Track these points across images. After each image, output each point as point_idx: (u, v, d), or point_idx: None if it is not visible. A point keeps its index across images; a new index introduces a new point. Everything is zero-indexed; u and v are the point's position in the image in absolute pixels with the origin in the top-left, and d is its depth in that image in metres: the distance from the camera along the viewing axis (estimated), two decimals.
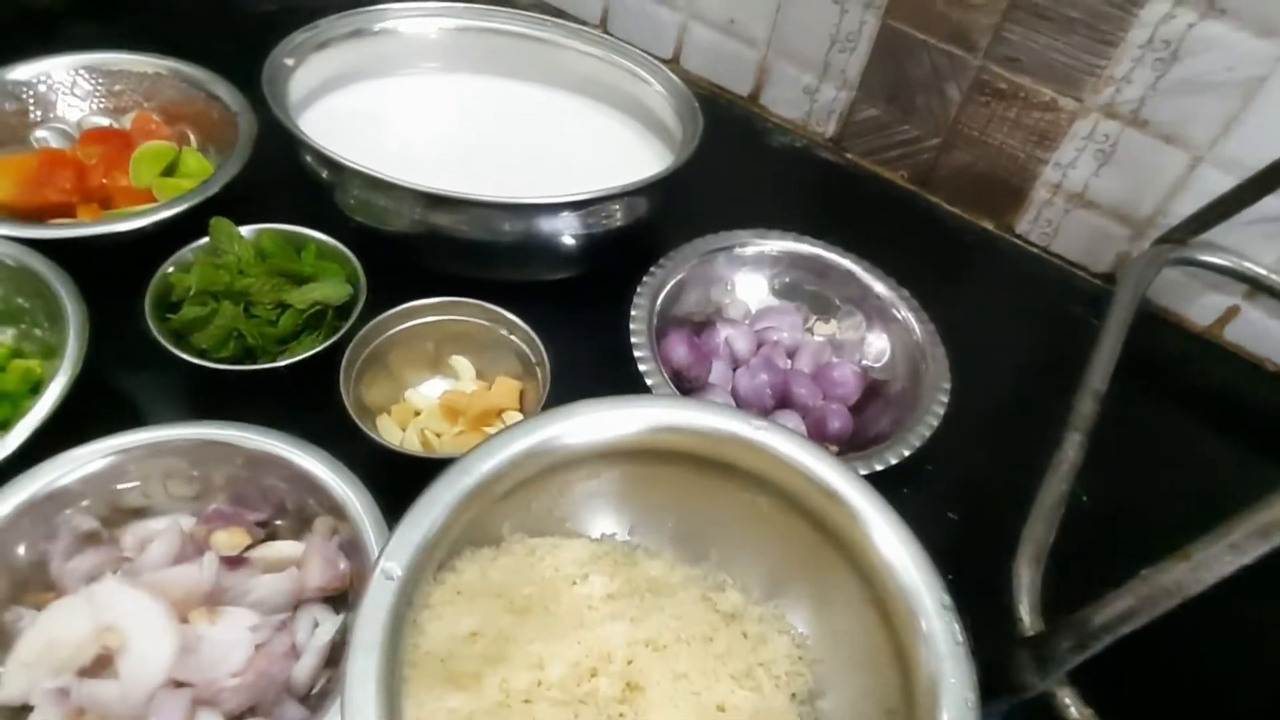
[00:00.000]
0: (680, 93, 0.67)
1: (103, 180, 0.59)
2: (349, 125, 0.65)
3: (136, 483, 0.42)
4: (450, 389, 0.53)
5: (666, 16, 0.87)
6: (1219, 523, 0.33)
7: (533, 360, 0.51)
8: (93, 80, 0.65)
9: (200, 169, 0.62)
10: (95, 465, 0.41)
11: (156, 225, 0.54)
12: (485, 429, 0.51)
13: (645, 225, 0.61)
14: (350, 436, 0.46)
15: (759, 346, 0.58)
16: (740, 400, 0.55)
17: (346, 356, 0.49)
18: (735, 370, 0.57)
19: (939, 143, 0.76)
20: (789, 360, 0.59)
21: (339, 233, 0.56)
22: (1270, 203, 0.60)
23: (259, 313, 0.51)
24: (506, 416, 0.51)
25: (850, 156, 0.82)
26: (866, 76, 0.77)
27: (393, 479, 0.41)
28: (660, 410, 0.41)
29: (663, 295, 0.56)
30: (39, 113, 0.64)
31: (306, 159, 0.57)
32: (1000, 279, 0.73)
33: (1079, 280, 0.73)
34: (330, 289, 0.53)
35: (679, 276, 0.58)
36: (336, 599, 0.42)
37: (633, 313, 0.54)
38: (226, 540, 0.41)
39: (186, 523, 0.42)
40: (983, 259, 0.75)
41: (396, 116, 0.69)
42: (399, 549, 0.33)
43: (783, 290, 0.62)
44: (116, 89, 0.66)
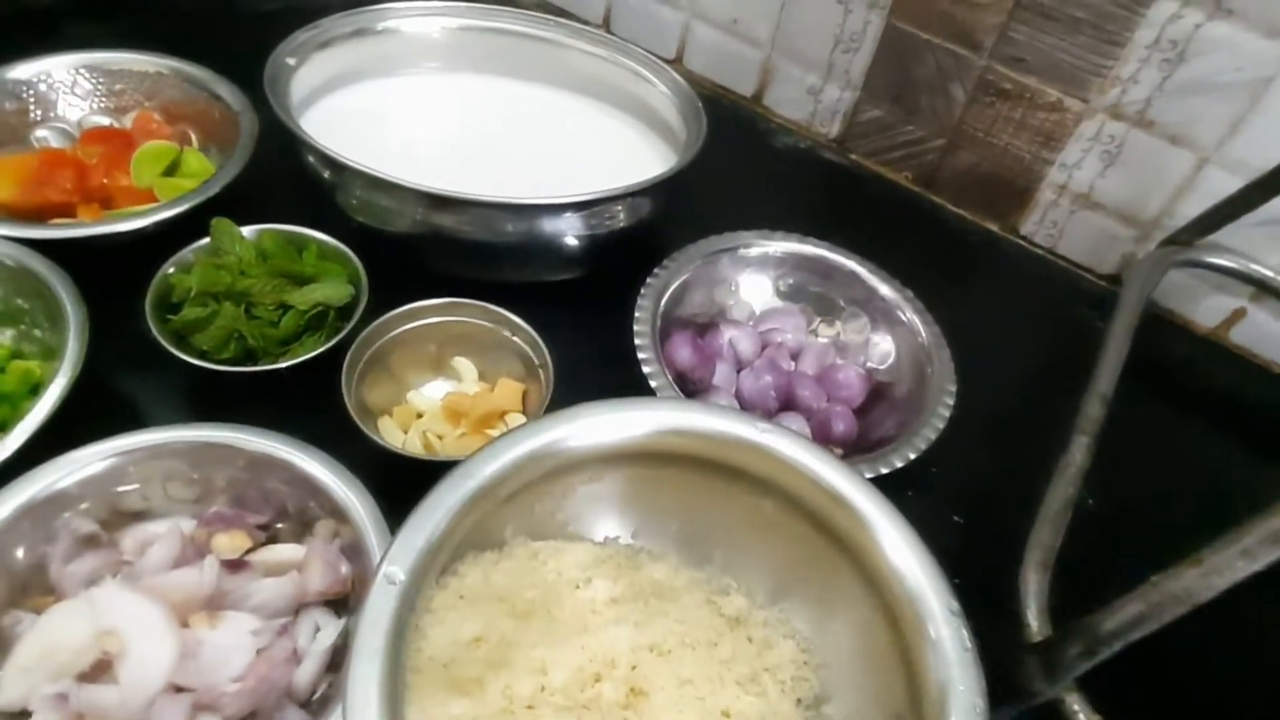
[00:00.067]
0: (684, 93, 0.67)
1: (103, 180, 0.59)
2: (351, 125, 0.65)
3: (136, 485, 0.42)
4: (452, 391, 0.53)
5: (669, 16, 0.86)
6: (1225, 526, 0.33)
7: (535, 362, 0.51)
8: (93, 79, 0.65)
9: (201, 169, 0.62)
10: (95, 467, 0.41)
11: (157, 225, 0.54)
12: (488, 431, 0.50)
13: (649, 226, 0.61)
14: (352, 439, 0.45)
15: (763, 348, 0.58)
16: (744, 402, 0.55)
17: (348, 358, 0.48)
18: (739, 372, 0.57)
19: (943, 143, 0.75)
20: (793, 362, 0.58)
21: (341, 233, 0.55)
22: (1277, 204, 0.59)
23: (260, 314, 0.51)
24: (509, 418, 0.51)
25: (854, 157, 0.82)
26: (871, 77, 0.77)
27: (395, 481, 0.40)
28: (664, 413, 0.40)
29: (666, 296, 0.56)
30: (39, 112, 0.64)
31: (308, 159, 0.57)
32: (1005, 280, 0.73)
33: (1084, 282, 0.73)
34: (332, 290, 0.52)
35: (683, 278, 0.57)
36: (338, 603, 0.41)
37: (636, 314, 0.54)
38: (227, 543, 0.40)
39: (187, 526, 0.42)
40: (987, 260, 0.75)
41: (399, 116, 0.69)
42: (402, 553, 0.33)
43: (787, 292, 0.62)
44: (117, 88, 0.65)
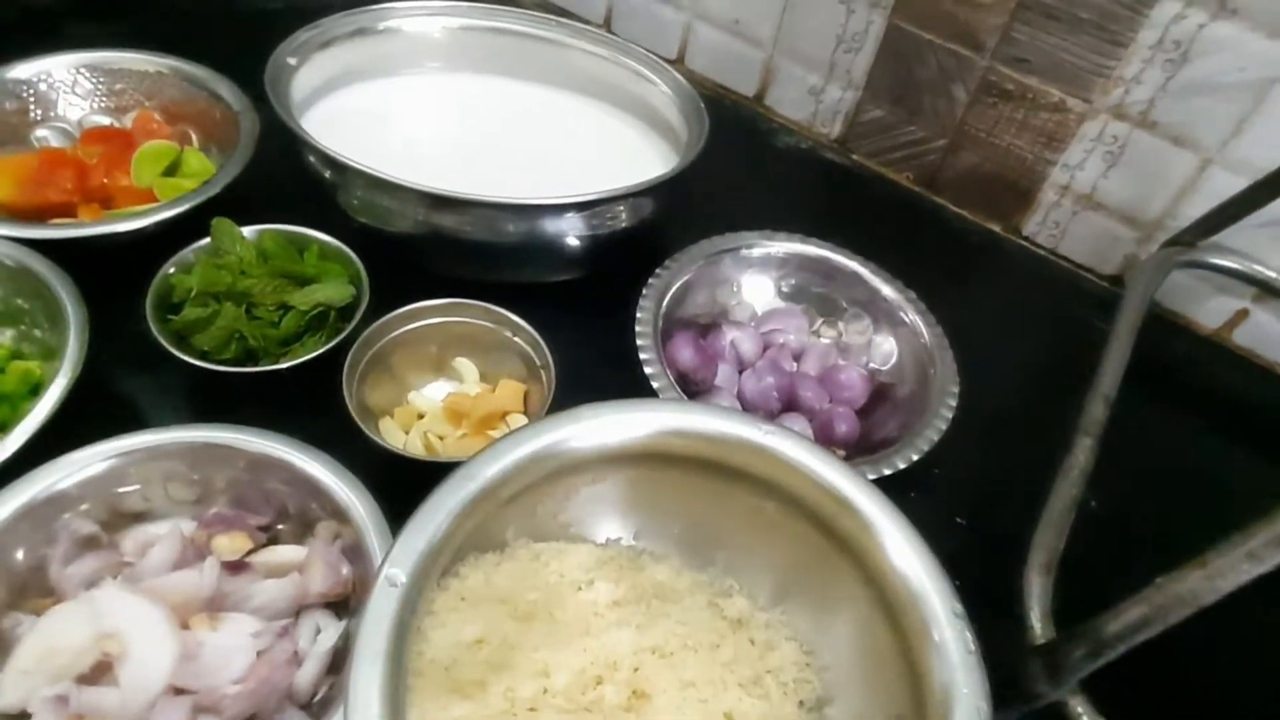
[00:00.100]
0: (686, 93, 0.67)
1: (104, 180, 0.59)
2: (352, 125, 0.65)
3: (137, 486, 0.42)
4: (454, 391, 0.53)
5: (670, 16, 0.86)
6: (1228, 527, 0.33)
7: (537, 362, 0.51)
8: (94, 79, 0.65)
9: (202, 169, 0.62)
10: (95, 468, 0.40)
11: (158, 225, 0.54)
12: (489, 432, 0.50)
13: (650, 226, 0.61)
14: (353, 439, 0.45)
15: (765, 349, 0.58)
16: (746, 403, 0.55)
17: (349, 358, 0.48)
18: (741, 373, 0.56)
19: (945, 144, 0.75)
20: (795, 363, 0.58)
21: (342, 233, 0.55)
22: None
23: (261, 314, 0.51)
24: (510, 419, 0.51)
25: (856, 158, 0.82)
26: (872, 77, 0.76)
27: (396, 482, 0.40)
28: (667, 414, 0.40)
29: (668, 297, 0.56)
30: (39, 112, 0.63)
31: (309, 159, 0.56)
32: (1007, 281, 0.73)
33: (1087, 283, 0.73)
34: (333, 290, 0.52)
35: (685, 278, 0.57)
36: (339, 604, 0.41)
37: (638, 315, 0.54)
38: (228, 545, 0.40)
39: (187, 527, 0.42)
40: (989, 261, 0.75)
41: (400, 116, 0.69)
42: (403, 555, 0.32)
43: (789, 292, 0.62)
44: (118, 88, 0.65)
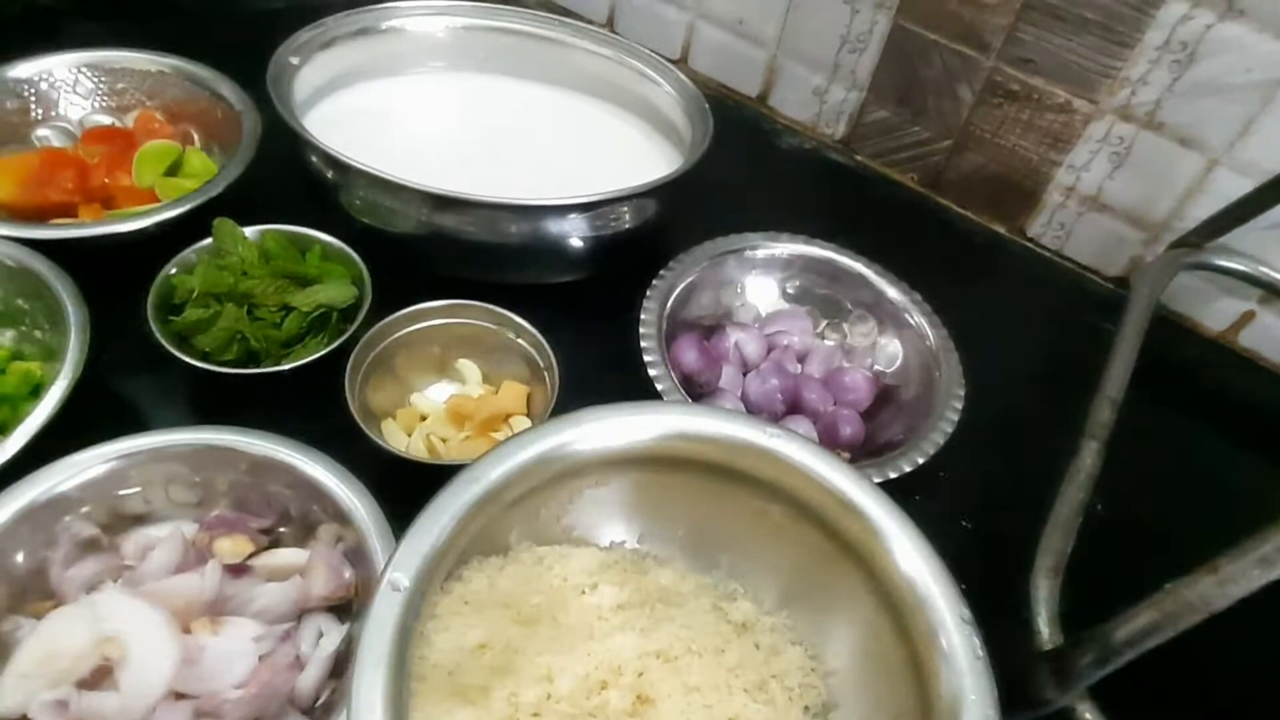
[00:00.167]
0: (690, 93, 0.66)
1: (105, 180, 0.59)
2: (354, 125, 0.65)
3: (138, 489, 0.42)
4: (457, 393, 0.52)
5: (674, 16, 0.86)
6: (1235, 531, 0.33)
7: (540, 364, 0.51)
8: (95, 78, 0.64)
9: (204, 169, 0.62)
10: (96, 471, 0.40)
11: (159, 226, 0.53)
12: (492, 434, 0.50)
13: (654, 227, 0.61)
14: (355, 441, 0.45)
15: (770, 351, 0.58)
16: (751, 405, 0.54)
17: (351, 360, 0.48)
18: (746, 375, 0.56)
19: (950, 145, 0.75)
20: (800, 365, 0.58)
21: (344, 234, 0.55)
22: None
23: (263, 315, 0.51)
24: (513, 421, 0.51)
25: (860, 158, 0.81)
26: (877, 78, 0.76)
27: (398, 484, 0.40)
28: (671, 416, 0.40)
29: (672, 298, 0.56)
30: (40, 111, 0.63)
31: (311, 159, 0.56)
32: (1012, 283, 0.73)
33: (1092, 284, 0.73)
34: (335, 291, 0.52)
35: (689, 279, 0.57)
36: (341, 608, 0.41)
37: (642, 316, 0.53)
38: (229, 548, 0.40)
39: (188, 530, 0.42)
40: (994, 263, 0.74)
41: (402, 116, 0.69)
42: (407, 559, 0.32)
43: (794, 294, 0.61)
44: (119, 87, 0.65)
